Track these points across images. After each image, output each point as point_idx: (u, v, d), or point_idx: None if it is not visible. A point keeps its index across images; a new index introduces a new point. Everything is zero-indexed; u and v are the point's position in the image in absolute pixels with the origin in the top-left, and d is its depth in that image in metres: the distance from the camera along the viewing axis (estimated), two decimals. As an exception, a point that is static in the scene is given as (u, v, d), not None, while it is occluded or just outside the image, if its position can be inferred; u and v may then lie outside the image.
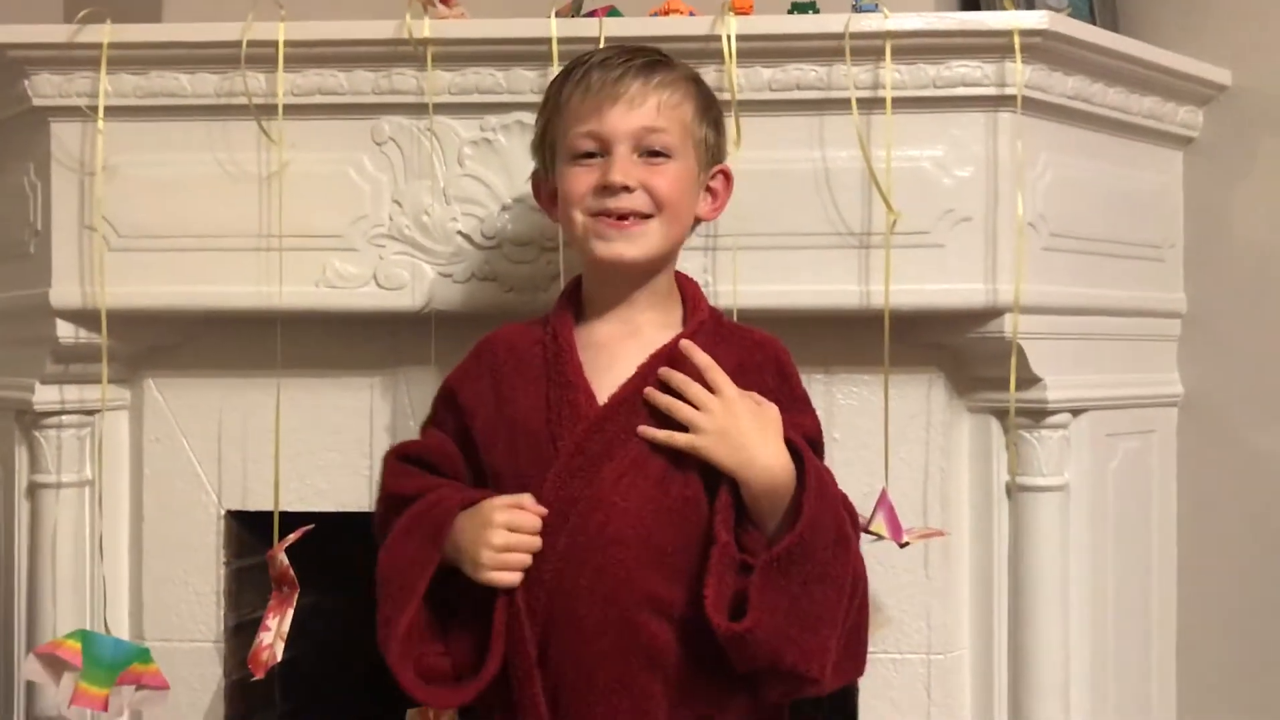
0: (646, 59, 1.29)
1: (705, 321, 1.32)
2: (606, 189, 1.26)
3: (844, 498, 1.28)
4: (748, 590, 1.17)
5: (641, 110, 1.26)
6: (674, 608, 1.21)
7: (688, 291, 1.36)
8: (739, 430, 1.22)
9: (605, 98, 1.26)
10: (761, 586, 1.17)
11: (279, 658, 1.51)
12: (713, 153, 1.34)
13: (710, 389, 1.24)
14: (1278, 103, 1.83)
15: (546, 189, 1.36)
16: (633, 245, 1.27)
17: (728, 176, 1.37)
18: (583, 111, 1.27)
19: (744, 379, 1.28)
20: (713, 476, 1.23)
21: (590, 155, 1.28)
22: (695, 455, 1.22)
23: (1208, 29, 1.88)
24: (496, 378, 1.32)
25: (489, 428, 1.30)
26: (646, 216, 1.27)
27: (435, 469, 1.34)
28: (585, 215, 1.28)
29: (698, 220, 1.36)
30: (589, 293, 1.35)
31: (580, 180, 1.28)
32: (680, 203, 1.29)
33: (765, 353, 1.33)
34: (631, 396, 1.25)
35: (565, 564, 1.21)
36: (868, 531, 1.50)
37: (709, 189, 1.35)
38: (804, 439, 1.27)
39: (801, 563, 1.18)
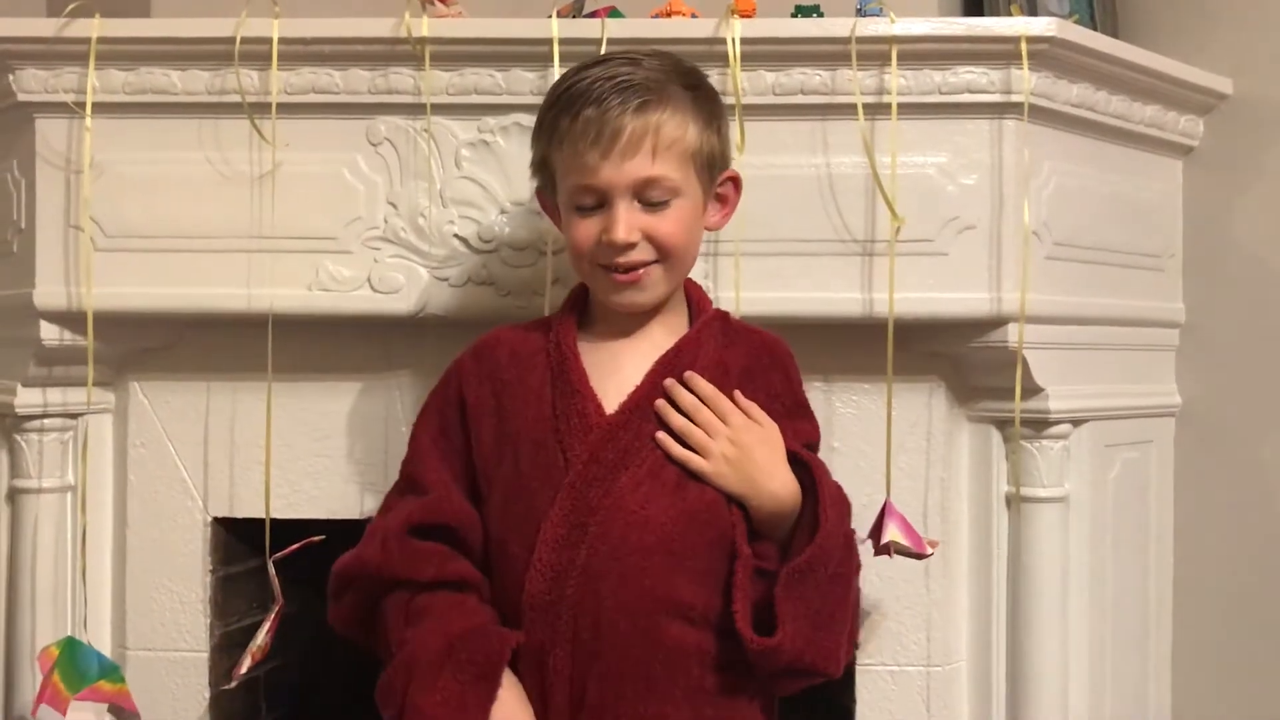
0: (640, 98, 1.21)
1: (711, 321, 1.32)
2: (610, 247, 1.23)
3: (841, 491, 1.29)
4: (769, 599, 1.19)
5: (636, 160, 1.21)
6: (697, 611, 1.21)
7: (693, 293, 1.35)
8: (747, 460, 1.23)
9: (598, 151, 1.20)
10: (785, 598, 1.18)
11: (244, 669, 1.49)
12: (720, 161, 1.31)
13: (718, 416, 1.24)
14: (1278, 113, 1.82)
15: (551, 204, 1.33)
16: (643, 293, 1.27)
17: (737, 183, 1.34)
18: (576, 163, 1.22)
19: (752, 382, 1.28)
20: None
21: (591, 207, 1.25)
22: (705, 480, 1.23)
23: (1209, 38, 1.87)
24: (498, 389, 1.30)
25: (490, 441, 1.28)
26: (652, 262, 1.25)
27: (452, 535, 1.27)
28: (594, 266, 1.26)
29: (706, 228, 1.33)
30: (595, 303, 1.33)
31: (585, 233, 1.25)
32: (684, 244, 1.27)
33: (773, 355, 1.33)
34: (643, 403, 1.25)
35: (586, 577, 1.19)
36: (882, 550, 1.50)
37: (718, 196, 1.32)
38: (804, 445, 1.29)
39: (819, 568, 1.20)
